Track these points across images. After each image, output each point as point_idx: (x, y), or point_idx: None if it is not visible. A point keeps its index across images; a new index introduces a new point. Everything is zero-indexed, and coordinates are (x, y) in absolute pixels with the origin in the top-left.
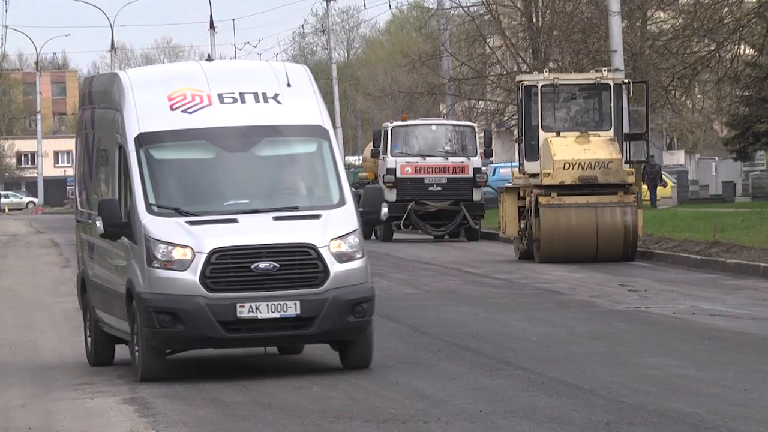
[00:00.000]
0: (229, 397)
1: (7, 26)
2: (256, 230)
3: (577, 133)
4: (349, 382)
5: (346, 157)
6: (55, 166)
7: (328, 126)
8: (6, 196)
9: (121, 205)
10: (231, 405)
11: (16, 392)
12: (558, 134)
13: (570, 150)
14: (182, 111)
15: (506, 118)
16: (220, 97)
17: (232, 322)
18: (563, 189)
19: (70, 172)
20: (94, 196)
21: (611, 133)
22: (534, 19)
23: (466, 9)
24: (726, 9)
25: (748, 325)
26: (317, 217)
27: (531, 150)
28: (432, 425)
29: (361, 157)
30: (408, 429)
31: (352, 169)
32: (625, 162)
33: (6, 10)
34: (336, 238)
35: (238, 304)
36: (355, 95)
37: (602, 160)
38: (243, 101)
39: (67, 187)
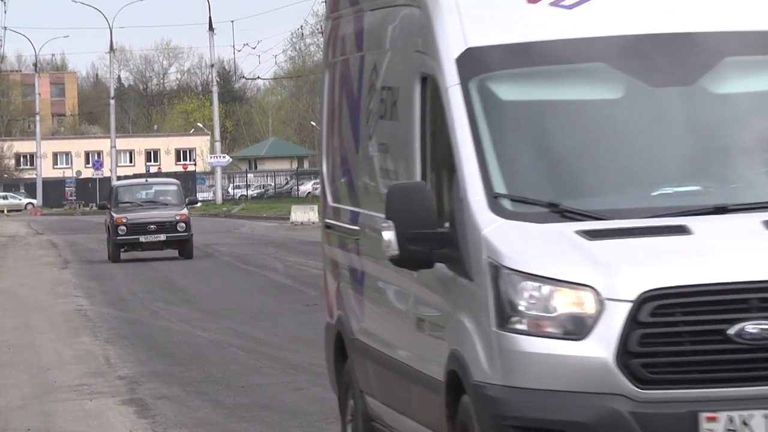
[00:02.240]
0: (228, 399)
1: (5, 27)
2: (733, 251)
3: None
4: None
5: None
6: (53, 168)
7: None
8: (5, 198)
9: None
10: (230, 406)
11: (14, 393)
12: None
13: None
14: (552, 4)
15: None
16: None
17: None
18: None
19: (69, 173)
20: (365, 181)
21: None
22: None
23: None
24: None
25: None
26: None
27: None
28: None
29: None
30: None
31: None
32: None
33: (5, 12)
34: None
35: (702, 415)
36: None
37: None
38: None
39: (66, 188)
